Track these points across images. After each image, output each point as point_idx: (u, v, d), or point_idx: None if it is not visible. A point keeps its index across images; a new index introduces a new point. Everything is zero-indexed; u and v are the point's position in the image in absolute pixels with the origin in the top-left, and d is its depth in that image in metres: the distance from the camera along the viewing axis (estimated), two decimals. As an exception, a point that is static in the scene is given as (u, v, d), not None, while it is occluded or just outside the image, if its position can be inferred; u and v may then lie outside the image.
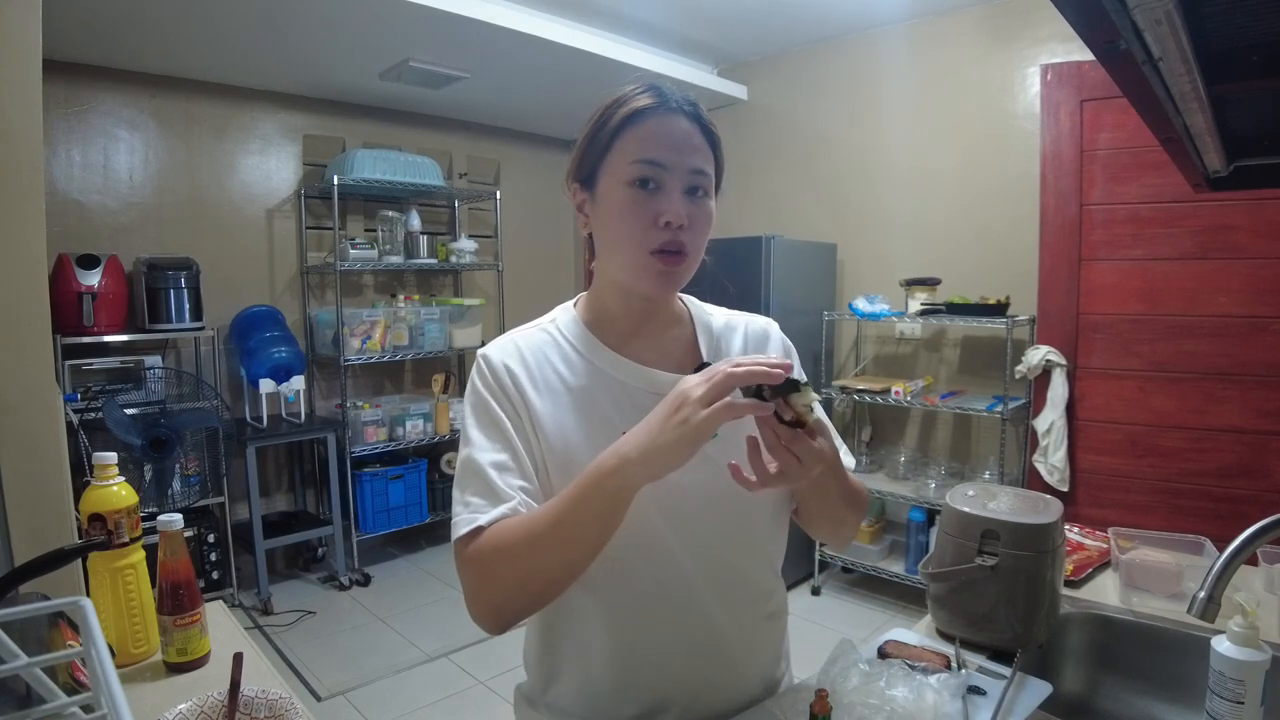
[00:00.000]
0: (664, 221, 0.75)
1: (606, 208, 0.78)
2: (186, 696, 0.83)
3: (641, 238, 0.76)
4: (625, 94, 0.79)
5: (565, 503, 0.70)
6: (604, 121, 0.79)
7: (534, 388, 0.80)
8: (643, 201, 0.76)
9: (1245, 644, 0.82)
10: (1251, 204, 2.40)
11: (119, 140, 3.09)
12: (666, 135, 0.77)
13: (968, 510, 1.09)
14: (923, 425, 3.30)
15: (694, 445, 0.65)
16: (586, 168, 0.81)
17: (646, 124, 0.77)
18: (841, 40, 3.41)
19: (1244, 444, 2.47)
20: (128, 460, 2.70)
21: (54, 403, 1.39)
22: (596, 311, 0.87)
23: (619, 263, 0.80)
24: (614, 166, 0.77)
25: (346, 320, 3.40)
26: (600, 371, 0.83)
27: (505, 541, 0.72)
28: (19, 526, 1.30)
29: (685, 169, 0.77)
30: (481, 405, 0.80)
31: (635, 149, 0.76)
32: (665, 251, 0.76)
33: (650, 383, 0.83)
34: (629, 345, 0.85)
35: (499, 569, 0.72)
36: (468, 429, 0.80)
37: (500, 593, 0.74)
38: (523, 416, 0.79)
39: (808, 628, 2.97)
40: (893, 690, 0.89)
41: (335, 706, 2.45)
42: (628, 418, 0.79)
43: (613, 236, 0.79)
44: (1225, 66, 0.67)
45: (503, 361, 0.81)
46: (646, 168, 0.76)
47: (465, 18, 2.58)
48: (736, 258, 3.09)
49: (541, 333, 0.86)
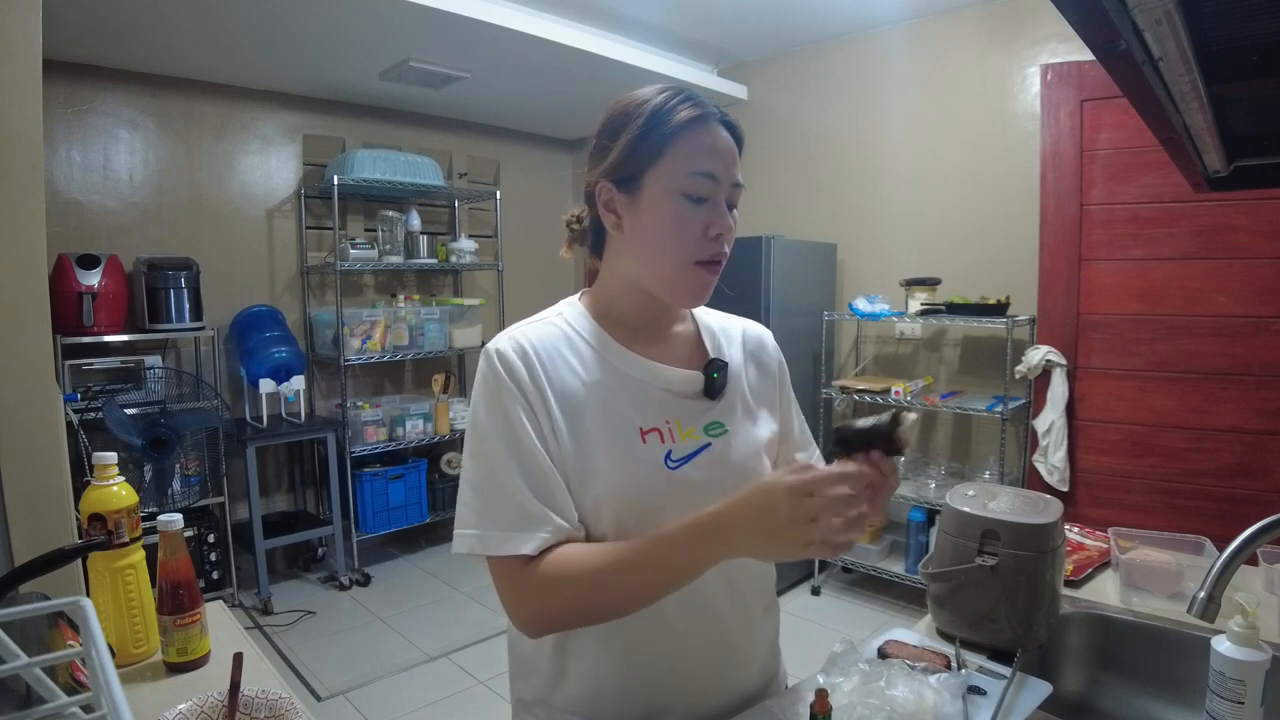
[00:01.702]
0: (714, 233, 0.76)
1: (653, 213, 0.77)
2: (186, 696, 0.83)
3: (691, 249, 0.76)
4: (668, 99, 0.78)
5: (646, 558, 0.70)
6: (655, 123, 0.76)
7: (550, 385, 0.78)
8: (694, 212, 0.76)
9: (1245, 644, 0.82)
10: (1251, 204, 2.40)
11: (119, 140, 3.10)
12: (720, 148, 0.77)
13: (968, 510, 1.09)
14: (923, 425, 3.30)
15: (797, 554, 0.65)
16: (630, 168, 0.78)
17: (702, 134, 0.76)
18: (842, 40, 3.41)
19: (1244, 444, 2.47)
20: (128, 460, 2.70)
21: (54, 403, 1.39)
22: (605, 308, 0.85)
23: (655, 270, 0.79)
24: (666, 173, 0.76)
25: (346, 320, 3.40)
26: (615, 369, 0.82)
27: (571, 579, 0.72)
28: (19, 526, 1.30)
29: (730, 182, 0.77)
30: (497, 406, 0.76)
31: (693, 159, 0.75)
32: (709, 263, 0.78)
33: (665, 380, 0.83)
34: (639, 342, 0.84)
35: (562, 604, 0.73)
36: (484, 433, 0.77)
37: (559, 621, 0.76)
38: (540, 417, 0.77)
39: (808, 628, 2.96)
40: (893, 690, 0.89)
41: (335, 706, 2.45)
42: (646, 415, 0.80)
43: (656, 243, 0.78)
44: (1225, 66, 0.67)
45: (517, 357, 0.78)
46: (703, 181, 0.76)
47: (465, 18, 2.58)
48: (736, 258, 3.04)
49: (551, 326, 0.83)
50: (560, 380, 0.79)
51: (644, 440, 0.79)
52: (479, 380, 0.79)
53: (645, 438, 0.80)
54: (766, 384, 0.94)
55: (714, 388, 0.85)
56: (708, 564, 0.68)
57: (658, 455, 0.79)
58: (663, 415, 0.81)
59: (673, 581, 0.70)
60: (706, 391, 0.85)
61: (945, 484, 2.91)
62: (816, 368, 3.29)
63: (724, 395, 0.87)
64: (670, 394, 0.83)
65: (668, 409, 0.82)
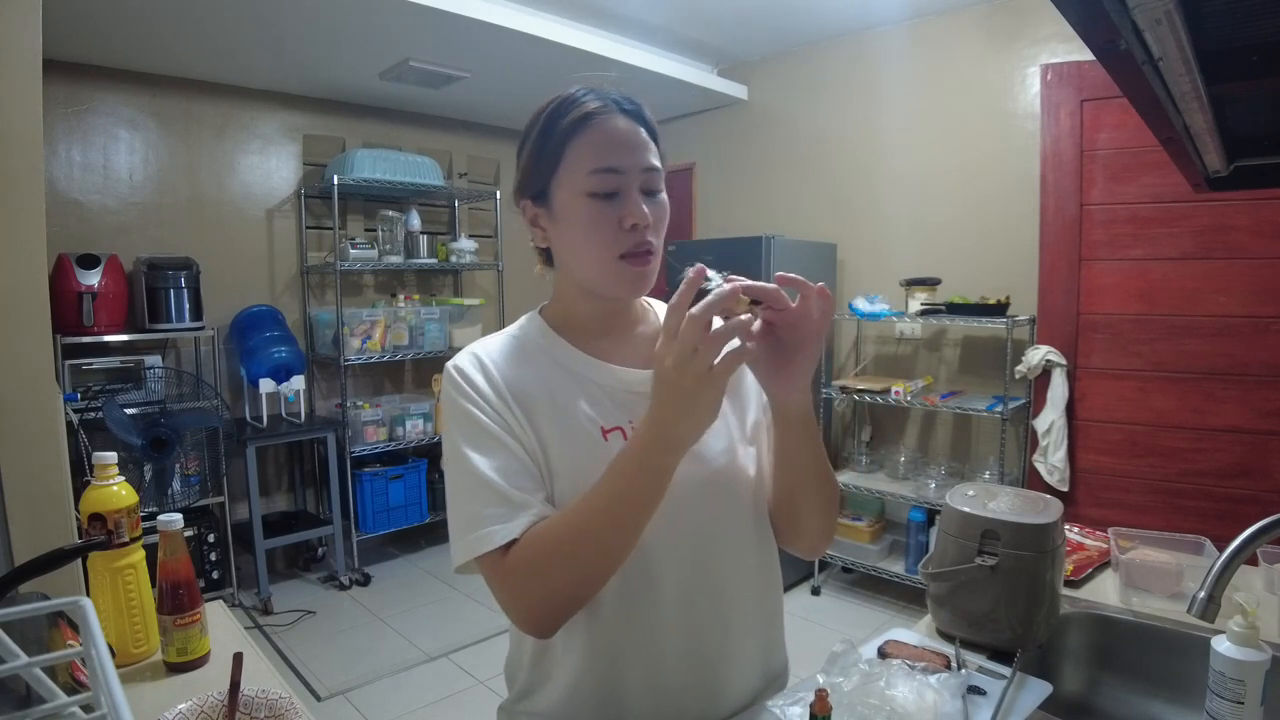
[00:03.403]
0: (629, 224, 0.74)
1: (568, 221, 0.77)
2: (186, 696, 0.83)
3: (610, 244, 0.75)
4: (563, 100, 0.77)
5: (608, 494, 0.69)
6: (547, 133, 0.77)
7: (510, 389, 0.79)
8: (605, 210, 0.75)
9: (1245, 644, 0.82)
10: (1251, 204, 2.40)
11: (119, 140, 3.10)
12: (618, 139, 0.75)
13: (968, 510, 1.09)
14: (923, 425, 3.29)
15: (721, 393, 0.65)
16: (537, 183, 0.79)
17: (593, 130, 0.75)
18: (842, 40, 3.41)
19: (1244, 444, 2.47)
20: (128, 460, 2.69)
21: (54, 403, 1.39)
22: (563, 317, 0.85)
23: (586, 273, 0.79)
24: (568, 179, 0.76)
25: (346, 320, 3.40)
26: (574, 373, 0.82)
27: (552, 545, 0.71)
28: (19, 526, 1.30)
29: (639, 169, 0.76)
30: (465, 417, 0.77)
31: (588, 158, 0.74)
32: (633, 255, 0.76)
33: (623, 381, 0.82)
34: (597, 345, 0.84)
35: (551, 574, 0.71)
36: (456, 444, 0.77)
37: (557, 596, 0.73)
38: (506, 416, 0.77)
39: (808, 628, 2.97)
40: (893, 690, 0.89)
41: (335, 706, 2.45)
42: (608, 415, 0.80)
43: (579, 248, 0.78)
44: (1225, 66, 0.67)
45: (475, 368, 0.79)
46: (604, 176, 0.74)
47: (465, 18, 2.58)
48: (736, 258, 3.09)
49: (508, 338, 0.84)
50: (519, 385, 0.79)
51: (606, 439, 0.79)
52: (444, 399, 0.80)
53: (608, 436, 0.79)
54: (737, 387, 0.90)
55: None
56: (664, 465, 0.67)
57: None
58: (625, 414, 0.81)
59: (642, 499, 0.69)
60: None
61: (945, 484, 2.91)
62: (816, 367, 3.28)
63: None
64: (632, 394, 0.82)
65: (630, 408, 0.81)
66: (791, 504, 0.85)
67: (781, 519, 0.88)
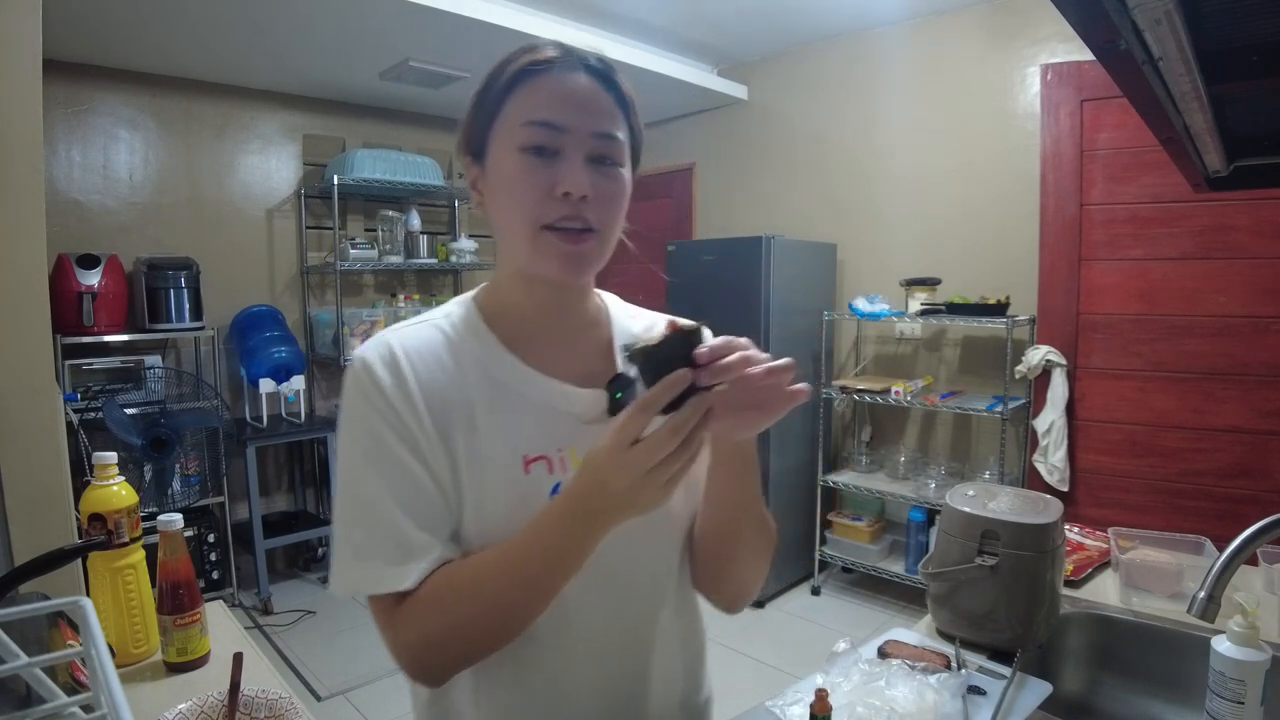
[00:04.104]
0: (561, 192, 0.63)
1: (497, 180, 0.67)
2: (186, 696, 0.83)
3: (535, 211, 0.64)
4: (511, 54, 0.67)
5: (525, 551, 0.61)
6: (493, 80, 0.67)
7: (425, 397, 0.66)
8: (537, 169, 0.64)
9: (1245, 644, 0.82)
10: (1251, 204, 2.40)
11: (119, 140, 3.10)
12: (565, 93, 0.65)
13: (968, 510, 1.09)
14: (923, 425, 3.29)
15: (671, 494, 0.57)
16: (476, 137, 0.69)
17: (542, 80, 0.65)
18: (841, 40, 3.41)
19: (1244, 444, 2.47)
20: (128, 460, 2.69)
21: (54, 403, 1.39)
22: (497, 304, 0.73)
23: (510, 242, 0.68)
24: (504, 131, 0.66)
25: (346, 320, 3.40)
26: (502, 384, 0.69)
27: (452, 599, 0.62)
28: (19, 526, 1.30)
29: (588, 132, 0.65)
30: (366, 427, 0.65)
31: (527, 109, 0.64)
32: (565, 229, 0.64)
33: (557, 399, 0.70)
34: (535, 348, 0.71)
35: (449, 630, 0.62)
36: (353, 457, 0.66)
37: (453, 653, 0.64)
38: (415, 431, 0.65)
39: (808, 628, 2.97)
40: (893, 690, 0.89)
41: (335, 706, 2.45)
42: (534, 441, 0.68)
43: (505, 213, 0.67)
44: (1225, 66, 0.67)
45: (384, 366, 0.66)
46: (540, 130, 0.64)
47: (465, 18, 2.58)
48: (736, 258, 3.09)
49: (432, 330, 0.71)
50: (437, 393, 0.67)
51: (528, 470, 0.67)
52: (344, 396, 0.68)
53: (530, 467, 0.67)
54: None
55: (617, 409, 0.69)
56: (577, 548, 0.60)
57: (542, 488, 0.67)
58: (555, 441, 0.69)
59: (546, 578, 0.61)
60: (612, 412, 0.70)
61: (945, 484, 2.91)
62: (816, 368, 3.29)
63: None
64: (568, 416, 0.70)
65: (561, 434, 0.69)
66: (717, 550, 0.74)
67: (703, 565, 0.76)
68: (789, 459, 3.20)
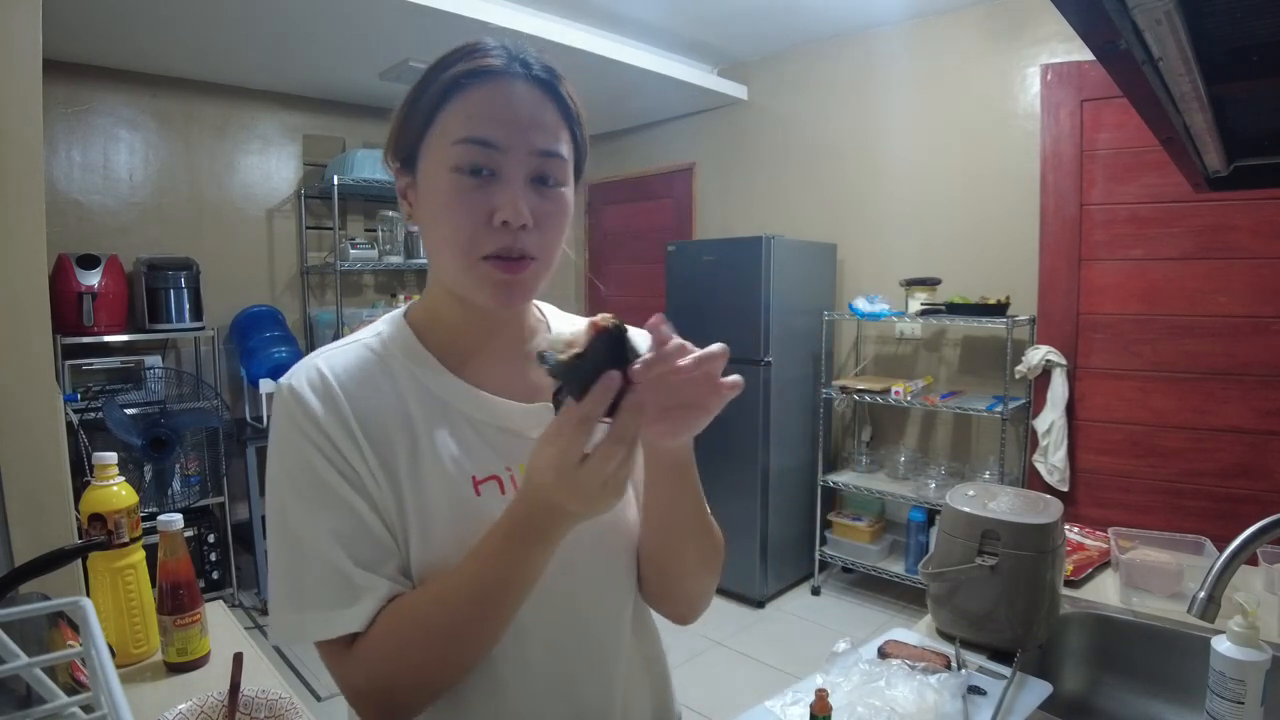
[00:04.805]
0: (500, 220, 0.59)
1: (429, 198, 0.62)
2: (186, 696, 0.83)
3: (471, 240, 0.60)
4: (460, 49, 0.62)
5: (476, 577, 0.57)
6: (427, 83, 0.61)
7: (362, 425, 0.61)
8: (473, 192, 0.59)
9: (1245, 644, 0.82)
10: (1251, 204, 2.40)
11: (119, 140, 3.10)
12: (504, 107, 0.60)
13: (968, 510, 1.09)
14: (923, 425, 3.29)
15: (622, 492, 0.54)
16: (407, 143, 0.63)
17: (477, 91, 0.59)
18: (841, 40, 3.41)
19: (1244, 444, 2.47)
20: (128, 460, 2.70)
21: (54, 403, 1.39)
22: (431, 320, 0.69)
23: (443, 268, 0.64)
24: (437, 145, 0.60)
25: (347, 320, 3.40)
26: (443, 403, 0.65)
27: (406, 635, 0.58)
28: (19, 526, 1.30)
29: (528, 150, 0.60)
30: (298, 459, 0.60)
31: (461, 124, 0.59)
32: (503, 258, 0.60)
33: (500, 416, 0.67)
34: (472, 364, 0.68)
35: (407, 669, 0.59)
36: (282, 494, 0.60)
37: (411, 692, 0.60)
38: (354, 460, 0.61)
39: (808, 628, 2.97)
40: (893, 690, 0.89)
41: (335, 706, 2.45)
42: (481, 461, 0.65)
43: (438, 235, 0.62)
44: (1225, 66, 0.67)
45: (315, 393, 0.61)
46: (476, 150, 0.59)
47: (465, 18, 2.59)
48: (736, 258, 3.09)
49: (363, 350, 0.66)
50: (373, 417, 0.62)
51: (478, 491, 0.64)
52: (273, 427, 0.63)
53: (480, 488, 0.64)
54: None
55: None
56: (530, 562, 0.56)
57: (495, 509, 0.61)
58: (502, 460, 0.66)
59: (502, 594, 0.57)
60: None
61: (945, 484, 2.91)
62: (816, 368, 3.29)
63: None
64: (510, 433, 0.67)
65: (508, 452, 0.66)
66: (663, 563, 0.70)
67: (650, 580, 0.72)
68: (789, 459, 3.20)
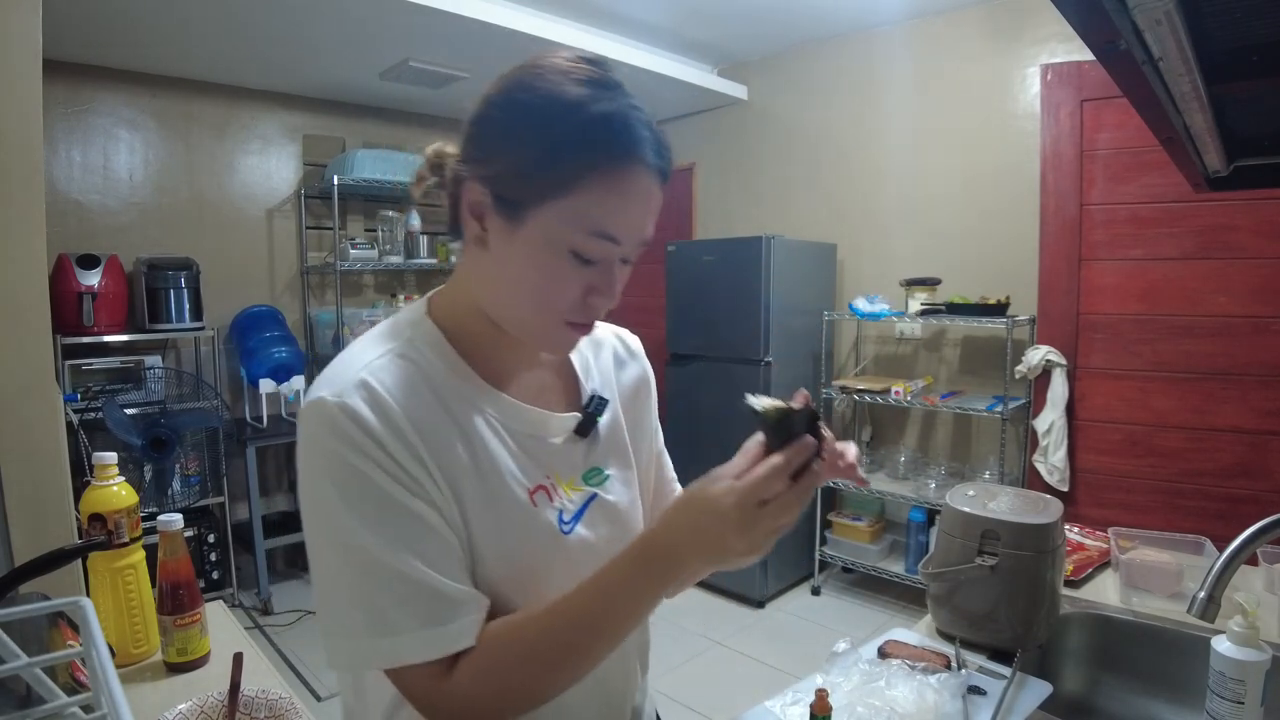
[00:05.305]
0: (597, 304, 0.62)
1: (529, 259, 0.60)
2: (186, 696, 0.83)
3: (561, 310, 0.62)
4: (606, 117, 0.57)
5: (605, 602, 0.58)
6: (565, 148, 0.57)
7: (426, 444, 0.60)
8: (578, 274, 0.60)
9: (1245, 644, 0.82)
10: (1251, 204, 2.40)
11: (119, 140, 3.10)
12: (639, 210, 0.60)
13: (968, 510, 1.09)
14: (923, 425, 3.29)
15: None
16: (516, 193, 0.59)
17: (622, 184, 0.58)
18: (841, 40, 3.41)
19: (1244, 444, 2.47)
20: (128, 460, 2.69)
21: (54, 403, 1.39)
22: (457, 329, 0.67)
23: (510, 313, 0.64)
24: (560, 219, 0.58)
25: (347, 320, 3.40)
26: (484, 414, 0.65)
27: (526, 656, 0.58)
28: (19, 526, 1.29)
29: (636, 243, 0.62)
30: (362, 482, 0.57)
31: (597, 216, 0.58)
32: (581, 324, 0.64)
33: (535, 425, 0.68)
34: (500, 371, 0.68)
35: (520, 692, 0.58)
36: (343, 521, 0.56)
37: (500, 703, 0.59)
38: (424, 483, 0.59)
39: (808, 628, 2.97)
40: (893, 690, 0.89)
41: (335, 706, 2.44)
42: (529, 471, 0.66)
43: (521, 290, 0.62)
44: (1225, 66, 0.67)
45: (374, 410, 0.58)
46: (601, 244, 0.59)
47: (465, 18, 2.58)
48: (736, 258, 3.08)
49: (403, 363, 0.62)
50: (431, 432, 0.60)
51: (534, 502, 0.65)
52: (316, 448, 0.58)
53: (534, 498, 0.65)
54: (637, 404, 0.81)
55: (590, 427, 0.71)
56: (657, 593, 0.58)
57: (550, 518, 0.65)
58: (543, 469, 0.67)
59: (624, 626, 0.58)
60: (579, 430, 0.71)
61: (945, 484, 2.91)
62: (816, 368, 3.29)
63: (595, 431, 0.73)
64: (542, 441, 0.68)
65: (546, 460, 0.68)
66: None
67: None
68: (789, 459, 3.20)
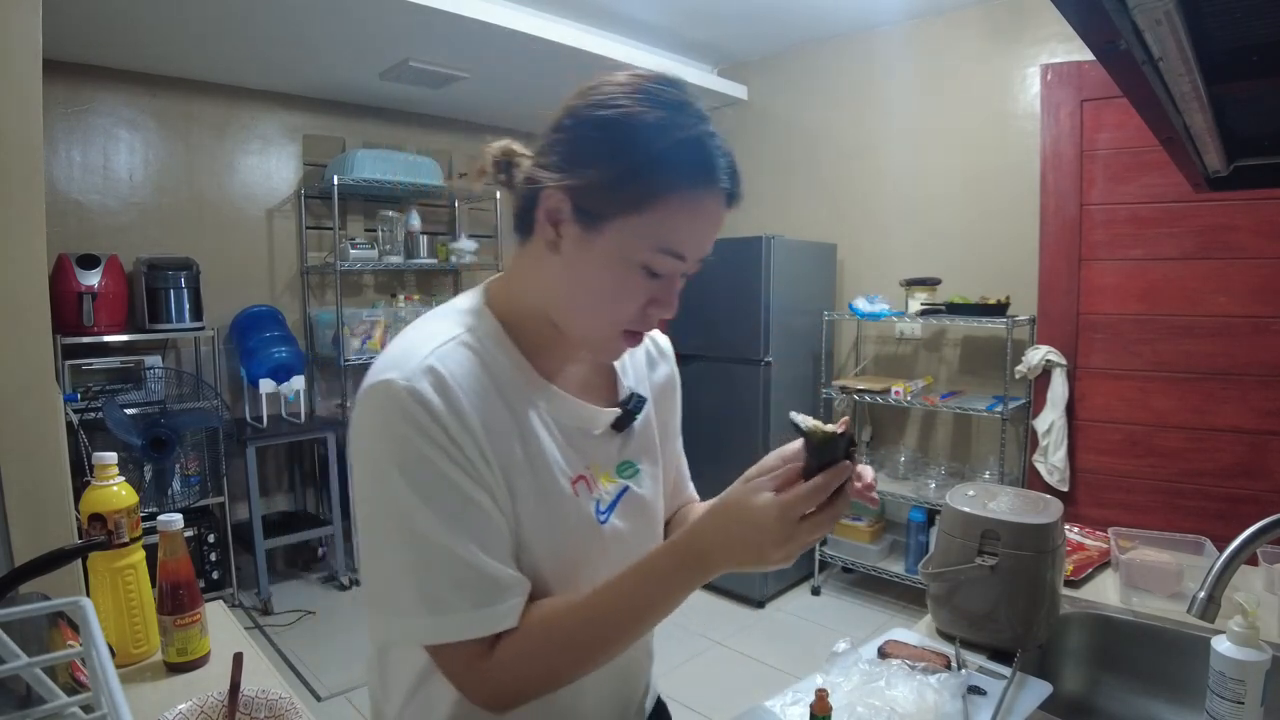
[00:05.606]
0: (657, 316, 0.67)
1: (601, 268, 0.63)
2: (186, 696, 0.83)
3: (623, 319, 0.66)
4: (694, 141, 0.61)
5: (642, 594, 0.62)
6: (645, 166, 0.60)
7: (487, 433, 0.63)
8: (644, 286, 0.64)
9: (1245, 644, 0.82)
10: (1251, 204, 2.40)
11: (119, 140, 3.09)
12: (709, 232, 0.64)
13: (968, 510, 1.09)
14: (923, 425, 3.29)
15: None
16: (596, 206, 0.61)
17: (699, 206, 0.62)
18: (842, 40, 3.41)
19: (1244, 444, 2.47)
20: (128, 460, 2.69)
21: (54, 403, 1.39)
22: (514, 323, 0.70)
23: (573, 318, 0.67)
24: (635, 232, 0.61)
25: (346, 320, 3.40)
26: (538, 408, 0.69)
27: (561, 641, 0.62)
28: (19, 526, 1.29)
29: (697, 259, 0.66)
30: (426, 466, 0.59)
31: (671, 235, 0.61)
32: (637, 333, 0.68)
33: (580, 418, 0.72)
34: (549, 363, 0.72)
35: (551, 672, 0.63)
36: (405, 499, 0.59)
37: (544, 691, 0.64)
38: (483, 472, 0.62)
39: (808, 628, 2.97)
40: (893, 690, 0.89)
41: (335, 706, 2.45)
42: (571, 461, 0.70)
43: (587, 297, 0.65)
44: (1225, 66, 0.67)
45: (441, 397, 0.60)
46: (671, 261, 0.63)
47: (465, 18, 2.58)
48: (736, 258, 3.08)
49: (468, 352, 0.65)
50: (492, 421, 0.64)
51: (576, 492, 0.69)
52: (382, 427, 0.60)
53: (575, 488, 0.69)
54: (664, 403, 0.85)
55: (629, 422, 0.76)
56: (688, 594, 0.62)
57: (589, 508, 0.70)
58: (584, 459, 0.71)
59: (655, 621, 0.63)
60: (616, 425, 0.75)
61: (945, 484, 2.91)
62: (816, 368, 3.29)
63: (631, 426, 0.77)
64: (584, 434, 0.72)
65: (586, 451, 0.72)
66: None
67: None
68: (789, 459, 3.20)
